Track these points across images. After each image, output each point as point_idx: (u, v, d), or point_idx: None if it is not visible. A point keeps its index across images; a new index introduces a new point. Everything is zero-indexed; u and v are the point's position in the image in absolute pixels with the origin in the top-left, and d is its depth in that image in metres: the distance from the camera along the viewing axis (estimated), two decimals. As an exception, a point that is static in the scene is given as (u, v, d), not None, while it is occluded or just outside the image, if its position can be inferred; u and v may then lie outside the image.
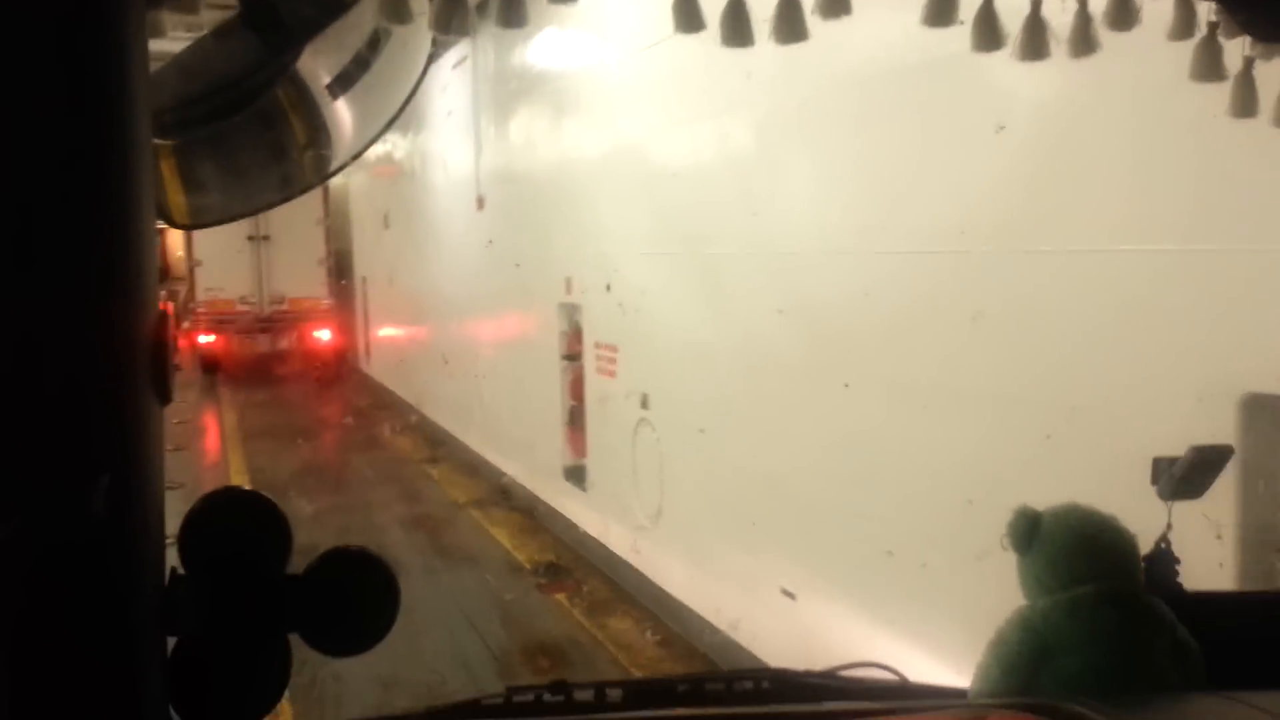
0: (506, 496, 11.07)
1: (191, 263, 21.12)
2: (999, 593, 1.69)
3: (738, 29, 1.42)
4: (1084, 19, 1.43)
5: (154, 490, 0.88)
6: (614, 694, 1.58)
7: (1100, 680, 1.46)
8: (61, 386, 0.81)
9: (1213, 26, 1.43)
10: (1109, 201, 3.81)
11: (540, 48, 9.93)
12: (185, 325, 21.99)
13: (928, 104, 4.55)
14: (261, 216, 20.08)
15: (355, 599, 0.96)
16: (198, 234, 21.06)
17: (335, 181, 23.74)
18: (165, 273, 44.59)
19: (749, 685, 1.63)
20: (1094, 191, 3.87)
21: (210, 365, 20.50)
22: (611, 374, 8.36)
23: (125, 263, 0.84)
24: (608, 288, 8.44)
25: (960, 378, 4.55)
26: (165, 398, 0.89)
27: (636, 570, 7.98)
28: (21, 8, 0.78)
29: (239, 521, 0.96)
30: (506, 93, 11.03)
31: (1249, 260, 3.29)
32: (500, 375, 11.61)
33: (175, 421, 15.74)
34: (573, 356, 9.40)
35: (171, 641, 0.92)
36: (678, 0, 1.41)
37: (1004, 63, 1.53)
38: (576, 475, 9.39)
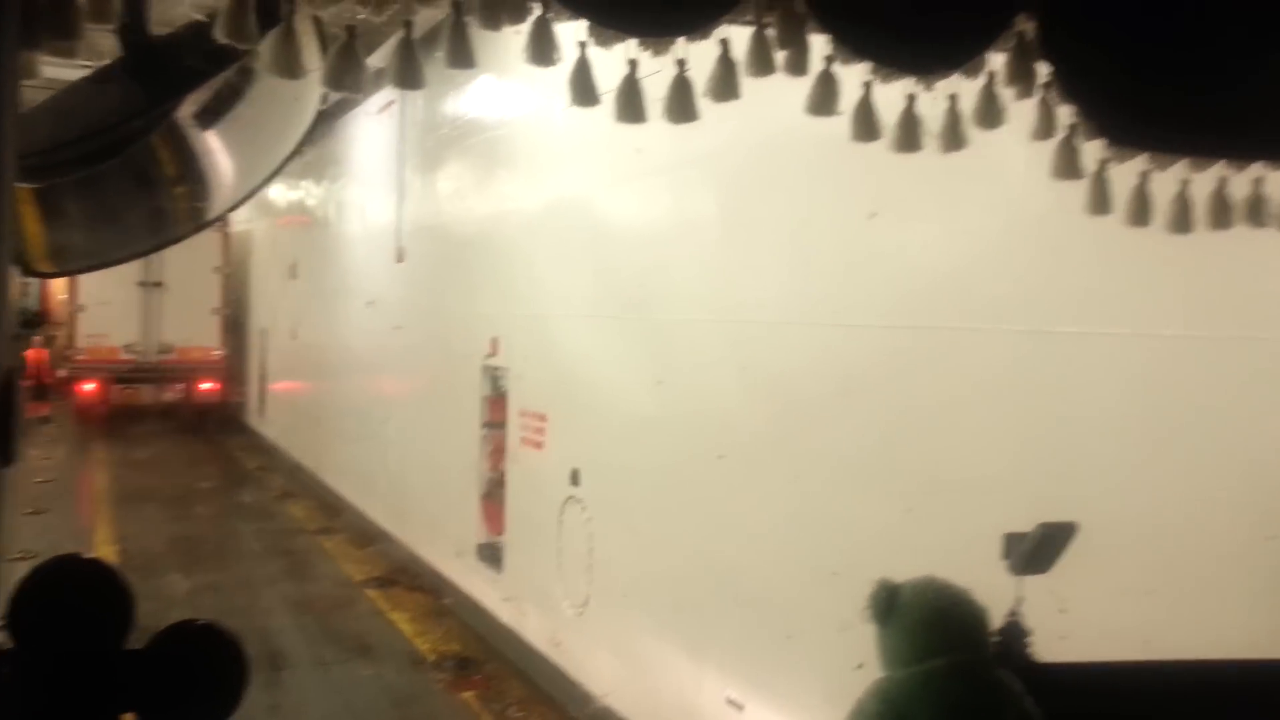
0: (410, 575, 10.05)
1: (73, 307, 19.91)
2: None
3: (631, 106, 1.45)
4: (955, 116, 1.47)
5: None
6: None
7: None
8: None
9: (1071, 128, 1.48)
10: (963, 284, 4.06)
11: (475, 94, 9.31)
12: (63, 373, 21.06)
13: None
14: (154, 262, 19.33)
15: (200, 675, 0.93)
16: (83, 278, 19.89)
17: (238, 228, 22.55)
18: (44, 317, 41.56)
19: None
20: (953, 274, 4.10)
21: (87, 416, 19.39)
22: (538, 445, 7.58)
23: None
24: (535, 349, 7.72)
25: (830, 450, 4.72)
26: (9, 457, 0.87)
27: (557, 667, 7.11)
28: None
29: (75, 592, 0.91)
30: (436, 140, 10.34)
31: (1082, 342, 3.59)
32: (411, 440, 10.68)
33: (38, 481, 14.18)
34: (495, 424, 8.59)
35: None
36: (573, 76, 1.43)
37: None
38: (491, 554, 8.50)
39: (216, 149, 1.60)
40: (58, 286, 22.15)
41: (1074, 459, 3.58)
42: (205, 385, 19.75)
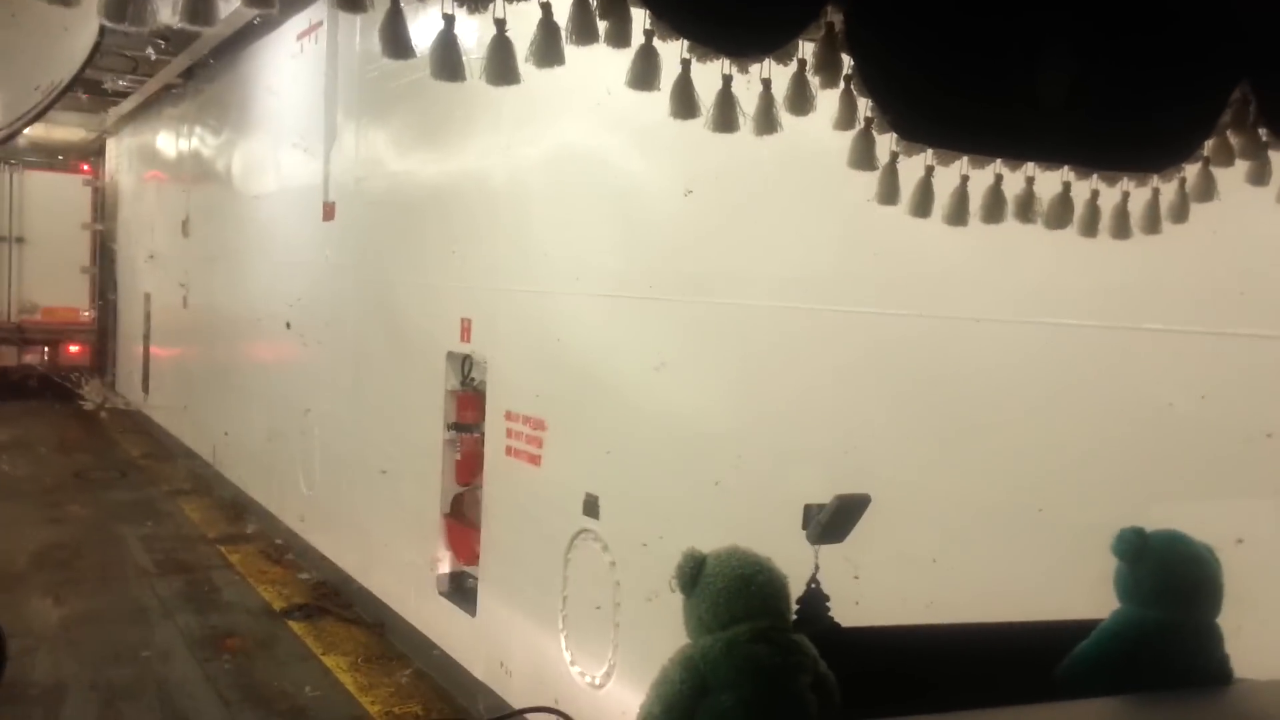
0: (341, 601, 8.31)
1: None
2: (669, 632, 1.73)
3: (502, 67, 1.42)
4: (767, 100, 1.51)
5: None
6: None
7: (749, 714, 1.55)
8: None
9: (868, 121, 1.55)
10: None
11: (433, 14, 7.50)
12: None
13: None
14: (14, 215, 18.05)
15: None
16: None
17: (113, 180, 19.89)
18: (-120, 271, 36.66)
19: None
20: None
21: (46, 381, 18.06)
22: (533, 459, 5.98)
23: None
24: (527, 336, 6.11)
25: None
26: None
27: (558, 742, 5.58)
28: None
29: None
30: (378, 73, 8.44)
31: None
32: (341, 436, 8.87)
33: None
34: (465, 426, 6.93)
35: None
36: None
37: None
38: (459, 589, 6.88)
39: None
40: None
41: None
42: (73, 348, 18.51)
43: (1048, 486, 3.30)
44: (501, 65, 1.42)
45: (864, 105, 1.55)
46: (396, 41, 1.37)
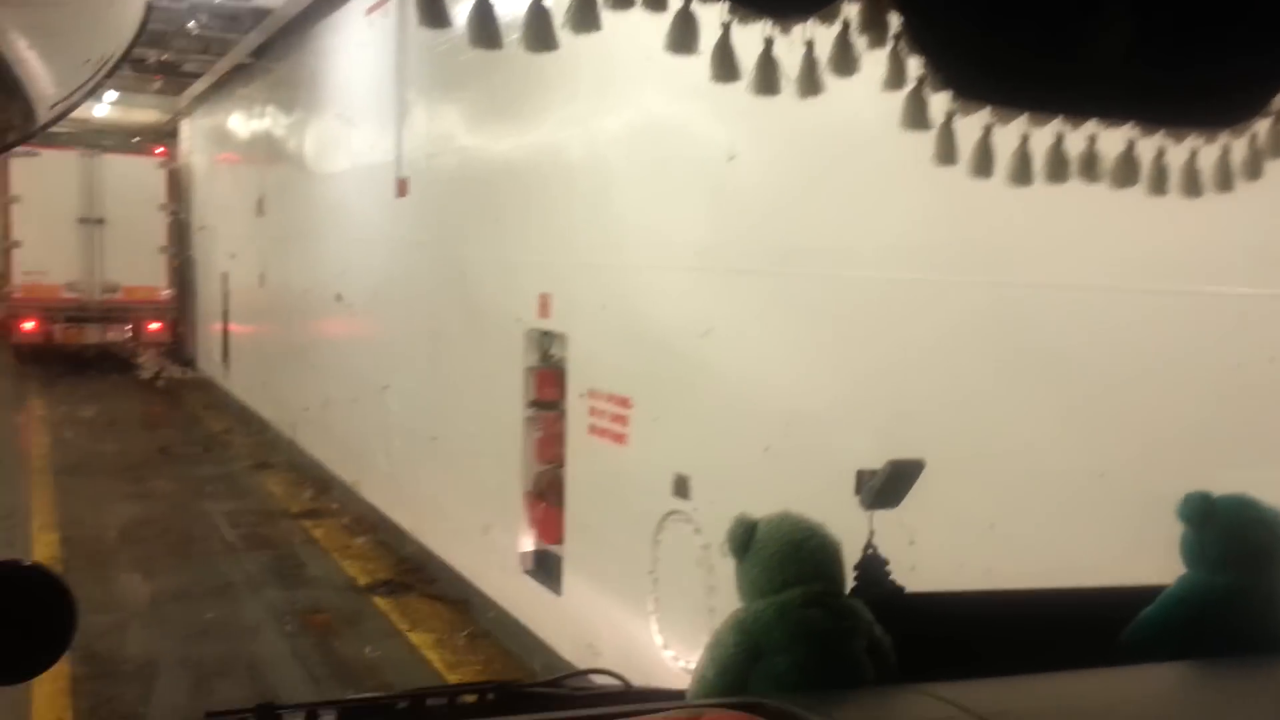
0: (426, 578, 8.33)
1: (8, 244, 18.67)
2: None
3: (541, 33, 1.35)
4: (811, 62, 1.49)
5: None
6: (327, 716, 1.55)
7: (805, 678, 1.55)
8: None
9: (920, 80, 1.52)
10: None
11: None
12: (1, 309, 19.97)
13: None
14: (94, 198, 18.71)
15: (19, 620, 0.84)
16: (19, 213, 18.44)
17: (188, 161, 20.24)
18: (-28, 253, 38.08)
19: (473, 698, 1.67)
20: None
21: (27, 356, 18.56)
22: (618, 438, 5.85)
23: None
24: (610, 312, 5.95)
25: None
26: None
27: None
28: None
29: None
30: (450, 45, 8.32)
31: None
32: (420, 413, 8.87)
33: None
34: (545, 404, 6.83)
35: None
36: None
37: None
38: (545, 568, 6.81)
39: (28, 58, 1.14)
40: None
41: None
42: (153, 326, 19.21)
43: (1110, 450, 3.25)
44: (539, 32, 1.37)
45: (914, 63, 1.52)
46: (433, 11, 1.34)
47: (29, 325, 18.44)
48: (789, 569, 1.63)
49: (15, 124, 1.27)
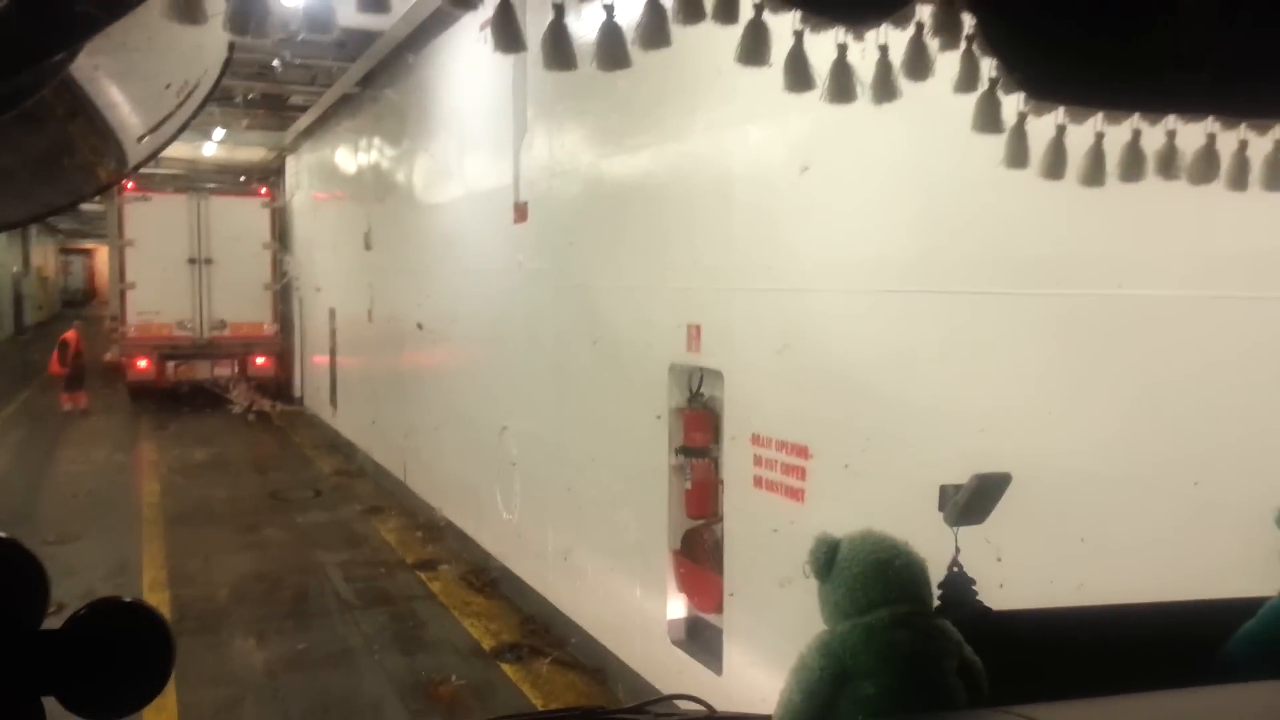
0: (555, 641, 7.54)
1: (123, 285, 19.42)
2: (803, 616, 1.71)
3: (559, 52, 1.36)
4: (885, 67, 1.49)
5: None
6: None
7: (894, 702, 1.52)
8: None
9: (993, 82, 1.54)
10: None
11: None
12: (110, 355, 20.81)
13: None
14: (203, 239, 19.49)
15: (123, 656, 0.84)
16: (131, 255, 18.79)
17: (295, 196, 20.26)
18: (90, 295, 40.53)
19: None
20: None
21: (140, 394, 19.20)
22: (793, 493, 4.94)
23: None
24: (779, 344, 5.07)
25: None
26: None
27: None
28: None
29: None
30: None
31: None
32: (546, 458, 8.13)
33: (69, 494, 11.96)
34: (696, 450, 5.98)
35: None
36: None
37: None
38: (700, 640, 5.93)
39: (119, 102, 1.32)
40: (102, 265, 21.81)
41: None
42: (259, 360, 19.72)
43: (1204, 459, 3.14)
44: (611, 50, 1.36)
45: (987, 65, 1.49)
46: (508, 35, 1.29)
47: (142, 363, 18.98)
48: (874, 589, 1.59)
49: (110, 166, 1.40)
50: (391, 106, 12.91)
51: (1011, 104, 1.55)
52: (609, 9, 1.37)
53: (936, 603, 1.74)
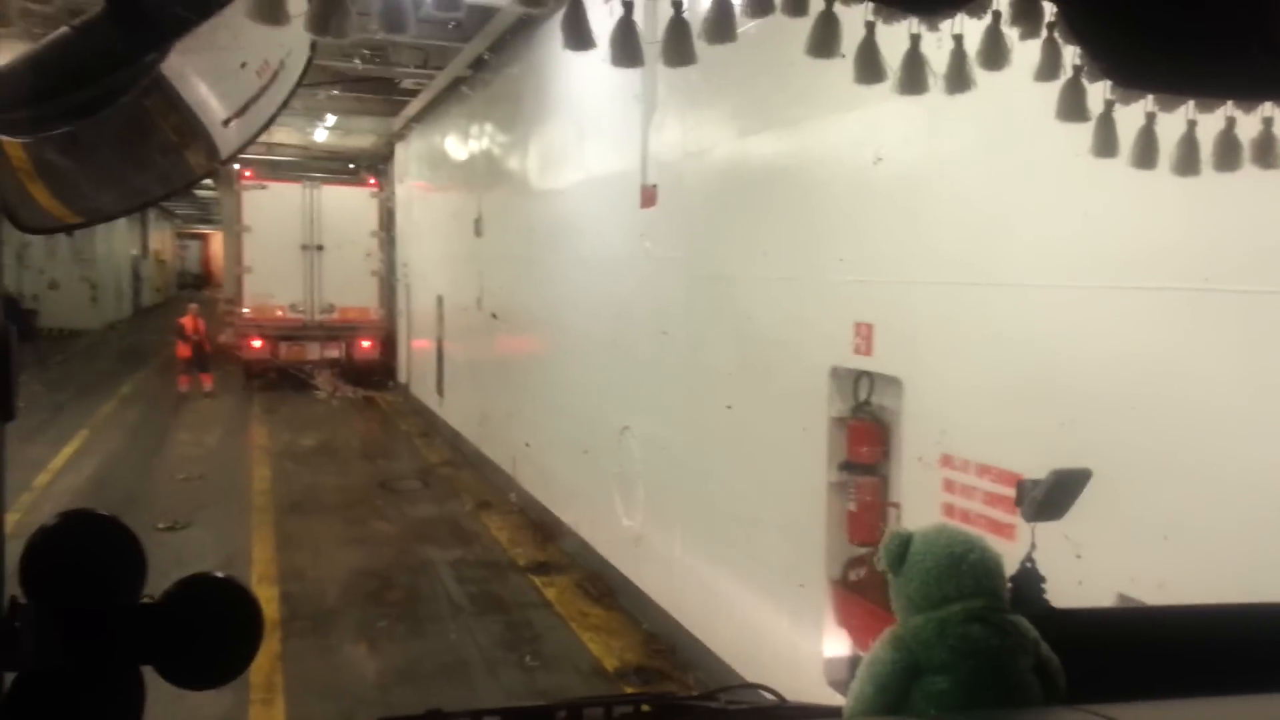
0: (682, 663, 6.91)
1: (239, 269, 20.22)
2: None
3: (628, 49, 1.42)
4: (960, 57, 1.50)
5: None
6: None
7: (968, 697, 1.51)
8: None
9: (1077, 70, 1.52)
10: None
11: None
12: (224, 337, 21.49)
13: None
14: (314, 226, 20.07)
15: (215, 629, 0.88)
16: (249, 241, 19.07)
17: (404, 183, 20.16)
18: (206, 279, 41.74)
19: (629, 709, 1.68)
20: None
21: (255, 372, 19.95)
22: (1000, 529, 4.16)
23: None
24: (981, 347, 4.30)
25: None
26: (8, 413, 0.83)
27: None
28: None
29: (88, 545, 0.86)
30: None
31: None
32: (673, 464, 7.50)
33: (180, 478, 11.91)
34: (861, 467, 5.25)
35: (10, 677, 0.83)
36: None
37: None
38: (863, 685, 5.21)
39: (206, 96, 1.38)
40: (216, 250, 22.75)
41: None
42: (365, 343, 20.31)
43: None
44: (679, 47, 1.42)
45: (1070, 53, 1.48)
46: (577, 33, 1.36)
47: (257, 344, 19.69)
48: (948, 583, 1.58)
49: (202, 156, 1.44)
50: (505, 89, 12.43)
51: (1097, 92, 1.50)
52: (677, 5, 1.38)
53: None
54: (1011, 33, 1.42)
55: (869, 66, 1.45)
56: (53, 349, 24.14)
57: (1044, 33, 1.44)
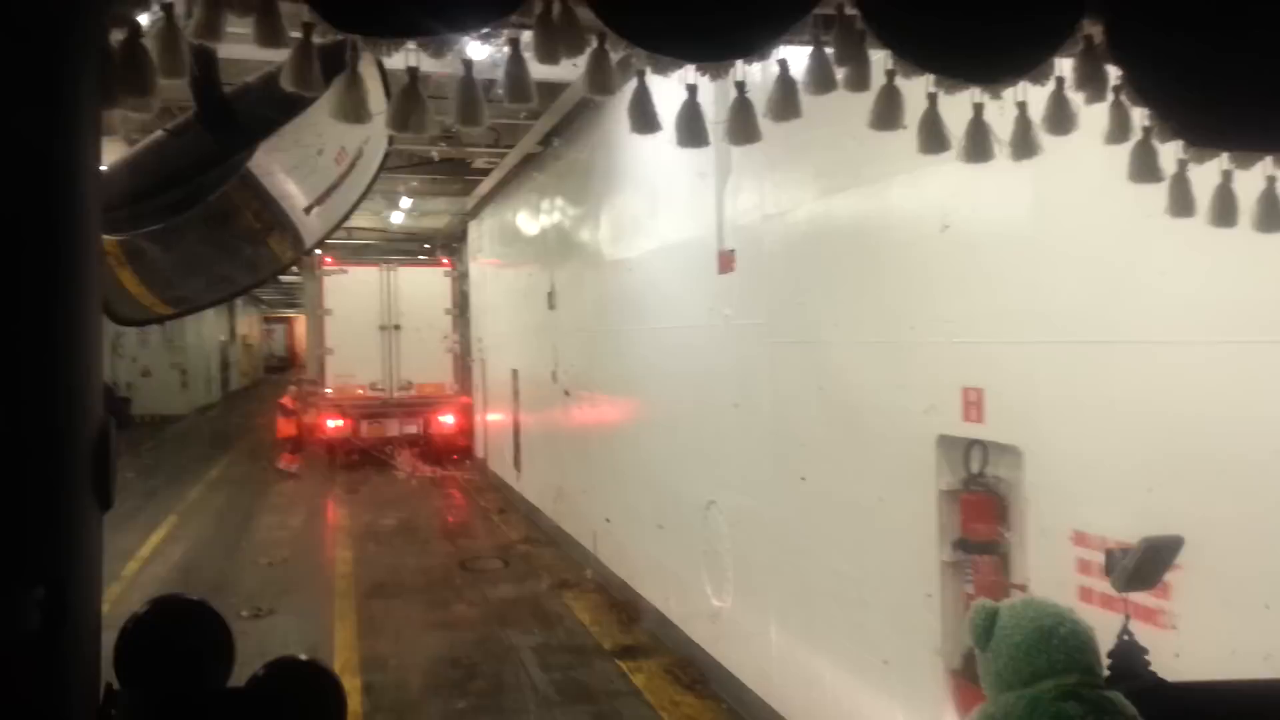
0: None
1: (322, 350, 20.81)
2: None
3: (691, 130, 1.52)
4: (1024, 124, 1.52)
5: (91, 602, 0.82)
6: None
7: None
8: None
9: (1147, 131, 1.50)
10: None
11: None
12: (309, 414, 21.75)
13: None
14: (391, 307, 20.73)
15: (299, 713, 0.90)
16: (329, 323, 19.49)
17: (478, 260, 20.39)
18: (290, 361, 42.86)
19: None
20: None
21: (336, 448, 20.42)
22: (1152, 616, 3.69)
23: (68, 362, 0.80)
24: (1116, 412, 3.87)
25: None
26: (106, 503, 0.86)
27: None
28: None
29: (178, 631, 0.89)
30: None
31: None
32: (764, 540, 7.10)
33: (264, 562, 11.85)
34: (979, 545, 4.80)
35: None
36: (632, 105, 1.48)
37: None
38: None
39: (293, 193, 1.46)
40: (299, 334, 23.39)
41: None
42: (442, 419, 20.61)
43: None
44: (744, 125, 1.47)
45: (1138, 114, 1.44)
46: (644, 117, 1.42)
47: (339, 422, 20.13)
48: (1038, 659, 1.52)
49: (288, 247, 1.52)
50: (575, 163, 12.44)
51: (1169, 152, 1.49)
52: (740, 85, 1.51)
53: (1106, 673, 1.65)
54: (1077, 97, 1.39)
55: (933, 136, 1.45)
56: (144, 435, 24.82)
57: (1110, 96, 1.41)
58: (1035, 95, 1.43)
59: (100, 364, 0.87)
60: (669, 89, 1.44)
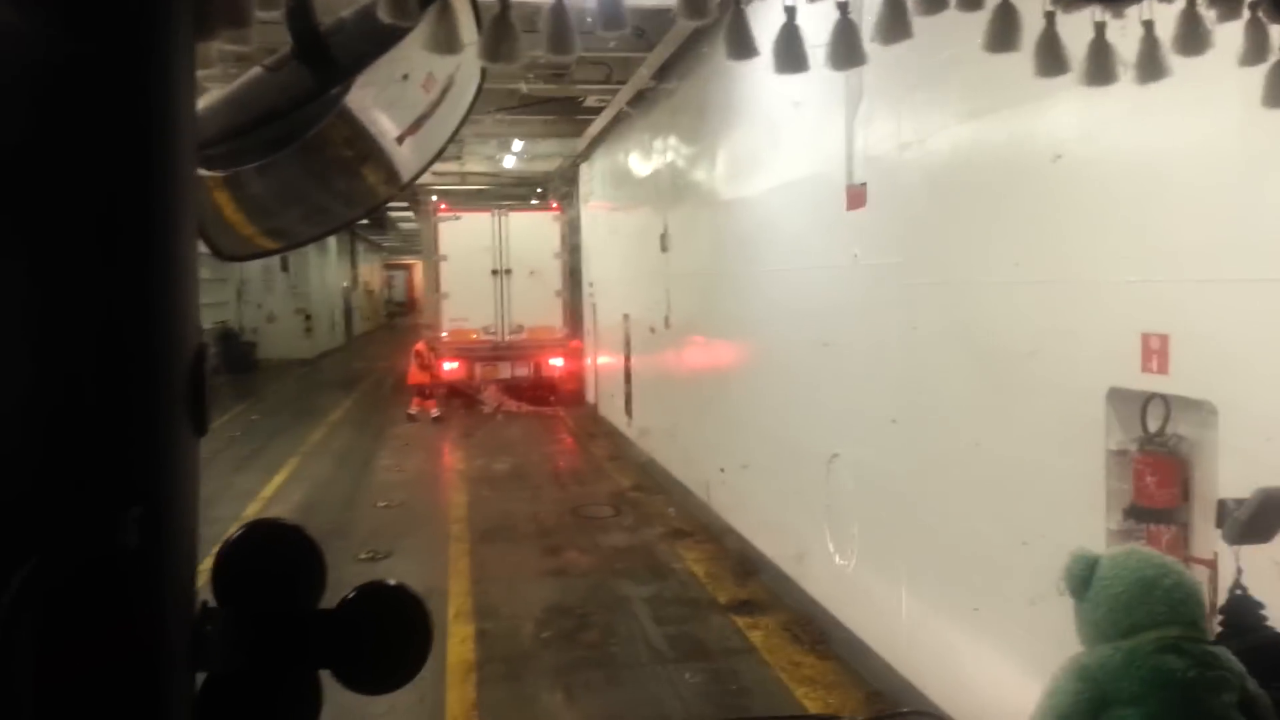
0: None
1: (438, 296, 21.20)
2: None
3: (790, 55, 1.40)
4: (1151, 43, 1.41)
5: (186, 522, 0.86)
6: None
7: None
8: (95, 415, 0.80)
9: None
10: None
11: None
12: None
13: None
14: (503, 252, 20.93)
15: (387, 636, 0.90)
16: (445, 269, 19.60)
17: (589, 203, 20.10)
18: (410, 306, 43.98)
19: None
20: None
21: (455, 391, 20.68)
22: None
23: (165, 291, 0.83)
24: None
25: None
26: (201, 429, 0.87)
27: None
28: (68, 38, 0.78)
29: (273, 554, 0.89)
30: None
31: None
32: (891, 496, 6.61)
33: (380, 505, 11.98)
34: (1154, 513, 4.21)
35: (200, 677, 0.87)
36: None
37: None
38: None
39: (383, 122, 1.46)
40: (419, 279, 23.93)
41: None
42: (553, 362, 21.02)
43: None
44: (846, 49, 1.39)
45: (1277, 33, 1.36)
46: (740, 42, 1.37)
47: (454, 365, 20.55)
48: (1139, 610, 1.47)
49: (384, 182, 1.50)
50: (689, 98, 11.88)
51: None
52: (843, 6, 1.40)
53: (1217, 628, 1.64)
54: (1209, 14, 1.31)
55: (1051, 58, 1.38)
56: (269, 379, 25.72)
57: (1245, 14, 1.36)
58: (1162, 13, 1.32)
59: (195, 292, 0.86)
60: (771, 13, 1.35)
